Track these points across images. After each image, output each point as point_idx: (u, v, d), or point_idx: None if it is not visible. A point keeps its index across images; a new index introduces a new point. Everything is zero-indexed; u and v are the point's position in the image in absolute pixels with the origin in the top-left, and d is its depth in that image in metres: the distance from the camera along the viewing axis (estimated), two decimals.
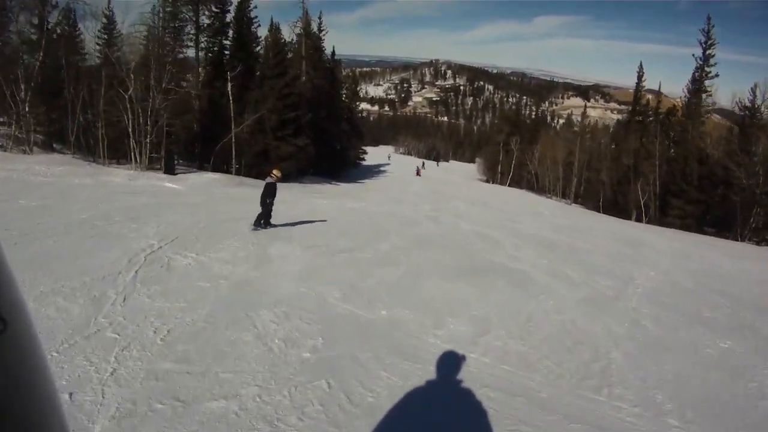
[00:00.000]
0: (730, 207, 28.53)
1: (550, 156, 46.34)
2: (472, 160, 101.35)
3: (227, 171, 25.10)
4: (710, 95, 33.19)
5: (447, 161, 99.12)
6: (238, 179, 21.93)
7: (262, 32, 29.90)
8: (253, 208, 13.00)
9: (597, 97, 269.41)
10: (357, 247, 9.75)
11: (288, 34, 32.69)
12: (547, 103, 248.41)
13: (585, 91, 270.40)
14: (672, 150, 34.09)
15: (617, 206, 35.82)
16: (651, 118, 38.15)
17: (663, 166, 33.06)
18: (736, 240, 26.88)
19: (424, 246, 10.77)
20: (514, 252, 11.25)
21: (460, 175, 59.53)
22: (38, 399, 0.41)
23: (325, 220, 12.58)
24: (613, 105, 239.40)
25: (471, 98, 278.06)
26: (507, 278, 8.64)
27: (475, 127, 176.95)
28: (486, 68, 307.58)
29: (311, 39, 35.17)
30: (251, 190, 18.85)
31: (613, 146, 42.21)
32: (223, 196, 15.97)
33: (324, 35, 36.93)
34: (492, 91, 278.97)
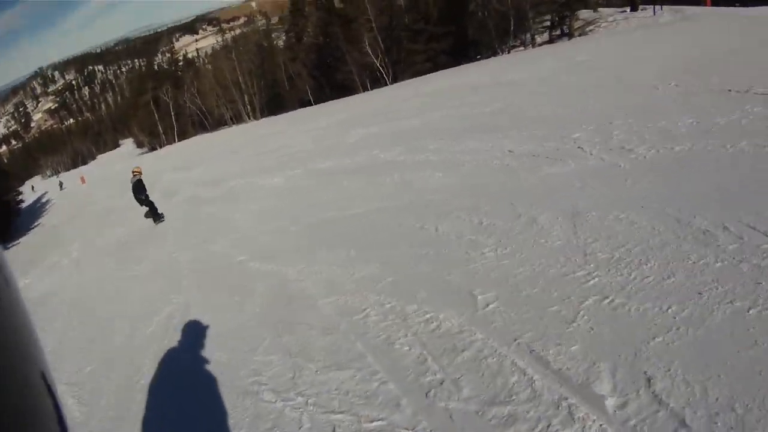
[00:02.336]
0: (480, 29, 28.20)
1: (220, 84, 42.36)
2: (117, 146, 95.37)
3: None
4: None
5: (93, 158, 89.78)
6: None
7: None
8: None
9: (205, 27, 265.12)
10: None
11: None
12: (160, 54, 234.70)
13: (191, 26, 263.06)
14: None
15: (330, 90, 32.55)
16: None
17: (381, 18, 30.32)
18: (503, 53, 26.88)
19: None
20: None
21: (123, 164, 48.25)
22: (34, 395, 0.38)
23: None
24: (224, 26, 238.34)
25: (87, 88, 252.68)
26: None
27: (103, 113, 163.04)
28: (92, 51, 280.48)
29: None
30: None
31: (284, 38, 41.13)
32: None
33: None
34: (104, 71, 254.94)
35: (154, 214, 10.75)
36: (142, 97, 48.77)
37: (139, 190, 10.36)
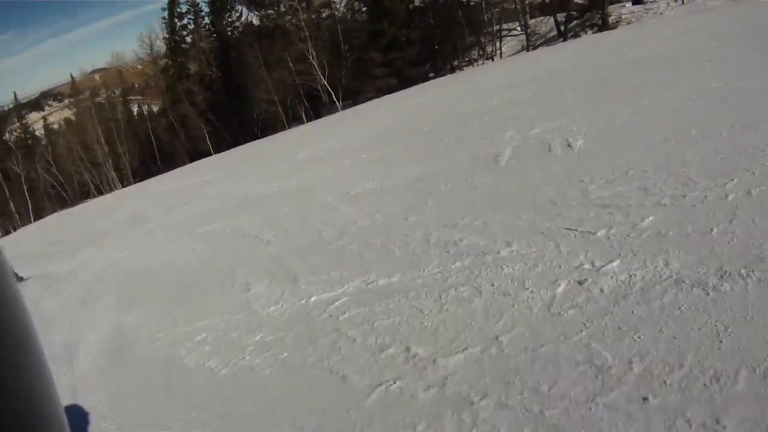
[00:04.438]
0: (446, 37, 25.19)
1: (81, 146, 37.88)
2: None
3: None
4: None
5: None
6: None
7: None
8: None
9: (51, 102, 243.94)
10: None
11: None
12: (7, 134, 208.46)
13: (37, 103, 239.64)
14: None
15: (236, 132, 28.78)
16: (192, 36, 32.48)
17: (316, 22, 25.37)
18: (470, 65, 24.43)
19: None
20: None
21: None
22: (38, 395, 0.37)
23: None
24: (66, 101, 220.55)
25: None
26: None
27: None
28: None
29: None
30: None
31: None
32: None
33: None
34: None
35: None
36: None
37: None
